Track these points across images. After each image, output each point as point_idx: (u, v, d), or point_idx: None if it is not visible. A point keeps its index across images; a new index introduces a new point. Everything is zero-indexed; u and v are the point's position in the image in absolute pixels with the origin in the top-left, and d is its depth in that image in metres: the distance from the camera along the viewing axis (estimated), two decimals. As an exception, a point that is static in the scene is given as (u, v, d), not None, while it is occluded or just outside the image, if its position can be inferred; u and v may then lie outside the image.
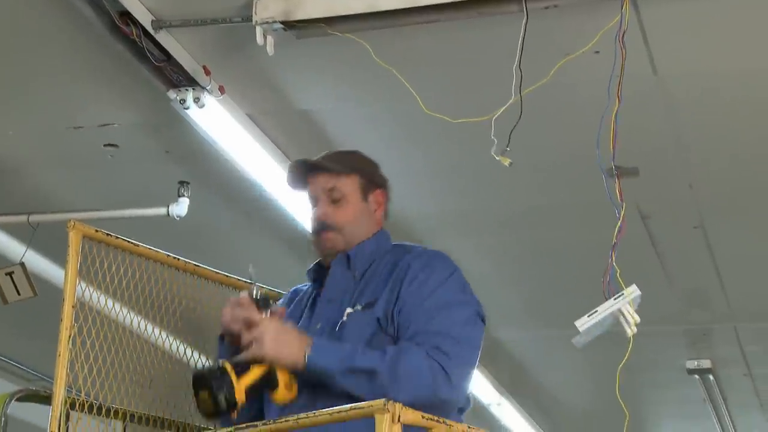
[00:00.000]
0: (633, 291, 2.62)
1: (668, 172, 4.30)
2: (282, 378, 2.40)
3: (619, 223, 2.67)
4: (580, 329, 2.61)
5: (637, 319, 2.59)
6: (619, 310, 2.60)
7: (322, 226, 2.62)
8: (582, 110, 3.64)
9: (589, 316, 2.61)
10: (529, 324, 6.13)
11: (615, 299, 2.61)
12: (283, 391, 2.40)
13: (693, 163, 4.23)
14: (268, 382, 2.40)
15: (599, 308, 2.62)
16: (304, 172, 2.66)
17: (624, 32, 2.83)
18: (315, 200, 2.65)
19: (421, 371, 2.39)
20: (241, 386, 2.35)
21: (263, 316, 2.45)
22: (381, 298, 2.53)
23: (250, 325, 2.45)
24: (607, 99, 2.84)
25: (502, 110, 2.95)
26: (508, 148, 2.89)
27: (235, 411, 2.36)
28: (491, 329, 6.04)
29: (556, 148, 4.13)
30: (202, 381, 2.37)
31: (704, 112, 3.85)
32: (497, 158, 2.88)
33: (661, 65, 3.51)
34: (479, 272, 4.71)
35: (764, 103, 3.75)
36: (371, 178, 2.69)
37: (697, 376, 6.71)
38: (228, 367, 2.37)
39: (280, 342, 2.40)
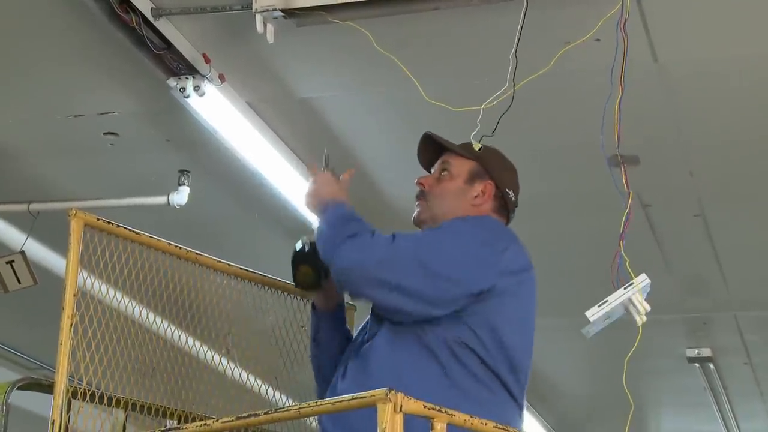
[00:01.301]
0: (643, 280, 2.62)
1: (668, 161, 4.30)
2: None
3: (626, 212, 2.67)
4: (591, 319, 2.60)
5: (647, 308, 2.58)
6: (629, 299, 2.59)
7: (418, 193, 2.75)
8: (583, 98, 3.64)
9: (599, 306, 2.60)
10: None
11: (625, 288, 2.61)
12: None
13: (693, 152, 4.23)
14: None
15: (609, 298, 2.61)
16: (436, 150, 2.80)
17: (625, 20, 2.83)
18: (432, 172, 2.80)
19: (339, 239, 2.52)
20: None
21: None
22: None
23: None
24: (608, 87, 2.83)
25: (493, 98, 2.94)
26: (492, 135, 2.87)
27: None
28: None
29: (556, 137, 4.13)
30: (304, 257, 2.75)
31: (705, 100, 3.84)
32: (472, 142, 2.87)
33: (662, 53, 3.51)
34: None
35: (765, 90, 3.74)
36: (488, 169, 2.77)
37: (697, 365, 6.72)
38: None
39: (319, 189, 2.66)
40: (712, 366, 6.73)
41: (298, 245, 2.80)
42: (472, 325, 2.51)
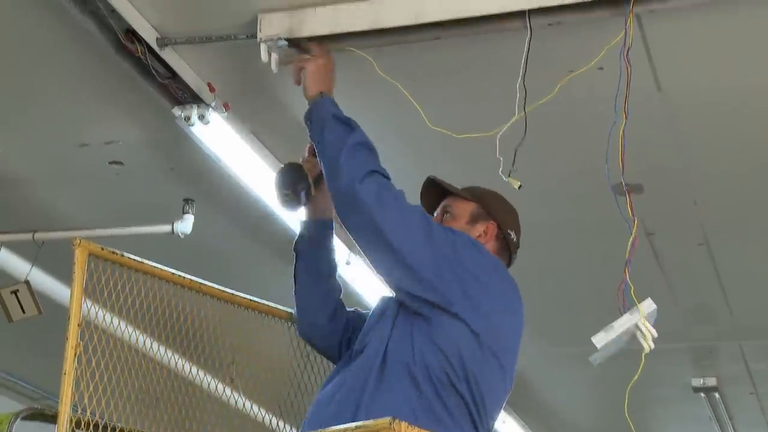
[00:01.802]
0: (649, 306, 2.61)
1: (672, 189, 4.30)
2: None
3: (631, 239, 2.67)
4: (598, 346, 2.59)
5: (654, 333, 2.58)
6: (636, 325, 2.59)
7: None
8: (586, 126, 3.64)
9: (605, 332, 2.60)
10: (533, 341, 6.11)
11: (631, 314, 2.60)
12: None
13: (697, 180, 4.23)
14: None
15: (615, 324, 2.61)
16: (439, 193, 2.88)
17: (629, 48, 2.84)
18: (434, 215, 2.88)
19: (364, 167, 2.66)
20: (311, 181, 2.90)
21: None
22: None
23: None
24: (612, 115, 2.84)
25: (505, 128, 2.96)
26: (514, 167, 2.91)
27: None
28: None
29: (560, 164, 4.13)
30: (283, 182, 2.91)
31: (708, 129, 3.85)
32: (506, 179, 2.90)
33: (665, 81, 3.52)
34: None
35: (769, 119, 3.75)
36: (490, 210, 2.86)
37: (702, 394, 6.68)
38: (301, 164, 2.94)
39: (312, 78, 2.91)
40: (717, 395, 6.69)
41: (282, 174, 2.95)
42: (451, 357, 2.56)
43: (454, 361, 2.55)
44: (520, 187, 2.91)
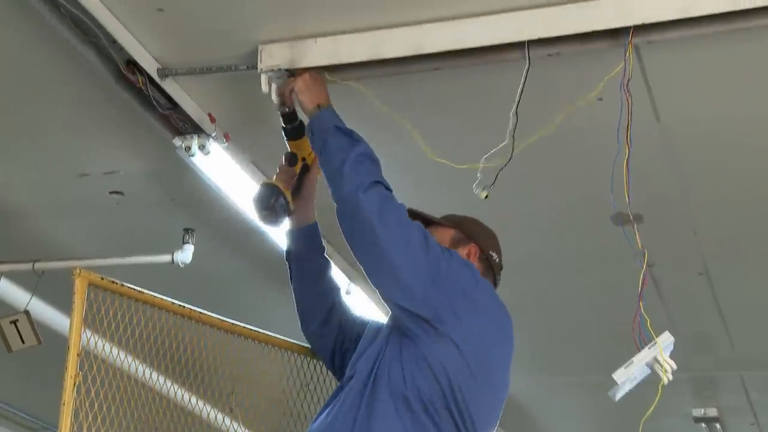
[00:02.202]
0: (666, 338, 2.62)
1: (672, 219, 4.30)
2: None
3: (642, 271, 2.68)
4: (618, 381, 2.59)
5: (674, 365, 2.59)
6: (654, 358, 2.59)
7: None
8: (586, 156, 3.65)
9: (625, 368, 2.60)
10: (534, 372, 6.10)
11: (649, 348, 2.61)
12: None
13: (697, 210, 4.23)
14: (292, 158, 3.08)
15: (634, 358, 2.62)
16: (422, 222, 2.87)
17: (628, 80, 2.85)
18: None
19: (368, 178, 2.70)
20: (288, 193, 3.00)
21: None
22: None
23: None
24: (612, 145, 2.85)
25: (491, 153, 2.97)
26: (491, 186, 2.93)
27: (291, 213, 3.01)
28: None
29: (560, 194, 4.13)
30: (261, 202, 2.99)
31: (708, 159, 3.85)
32: (475, 191, 2.92)
33: (664, 112, 3.53)
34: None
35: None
36: (469, 234, 2.90)
37: (703, 425, 6.66)
38: (275, 182, 3.01)
39: (310, 85, 2.97)
40: (718, 426, 6.67)
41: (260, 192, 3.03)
42: (440, 377, 2.59)
43: (442, 380, 2.57)
44: (486, 197, 2.93)
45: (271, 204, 2.98)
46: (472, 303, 2.67)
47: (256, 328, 3.15)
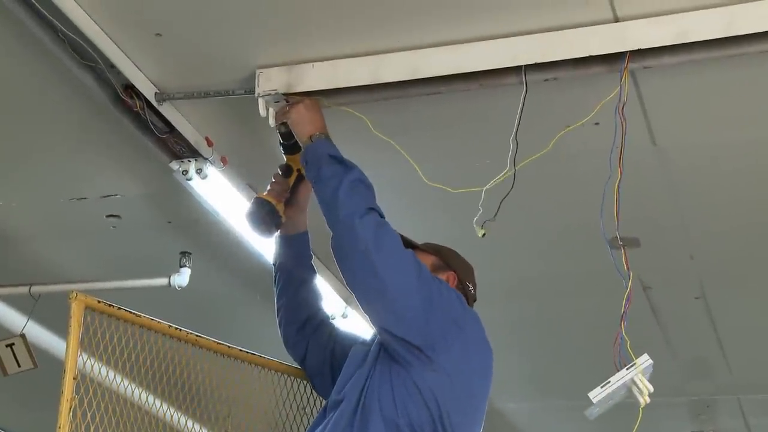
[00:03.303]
0: (645, 360, 2.63)
1: (669, 243, 4.31)
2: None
3: (627, 293, 2.69)
4: (594, 400, 2.60)
5: (651, 388, 2.59)
6: (632, 380, 2.60)
7: None
8: (583, 181, 3.66)
9: (602, 387, 2.61)
10: (530, 394, 6.09)
11: (627, 369, 2.62)
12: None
13: (693, 234, 4.24)
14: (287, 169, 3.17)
15: (612, 379, 2.62)
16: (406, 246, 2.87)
17: (624, 104, 2.87)
18: None
19: (363, 204, 2.72)
20: (280, 206, 3.11)
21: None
22: None
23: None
24: (608, 169, 2.86)
25: (494, 181, 2.98)
26: (494, 219, 2.95)
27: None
28: (492, 399, 6.00)
29: (557, 218, 4.14)
30: (251, 216, 3.10)
31: (704, 184, 3.86)
32: (474, 225, 2.94)
33: (660, 136, 3.54)
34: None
35: (764, 174, 3.76)
36: (448, 263, 2.93)
37: (701, 449, 6.66)
38: (265, 197, 3.11)
39: (304, 115, 2.99)
40: (716, 449, 6.67)
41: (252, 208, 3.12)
42: (429, 402, 2.60)
43: (432, 407, 2.59)
44: (483, 235, 2.95)
45: (265, 222, 3.09)
46: (461, 332, 2.69)
47: (252, 351, 3.15)
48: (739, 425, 6.46)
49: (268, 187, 3.17)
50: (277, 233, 3.17)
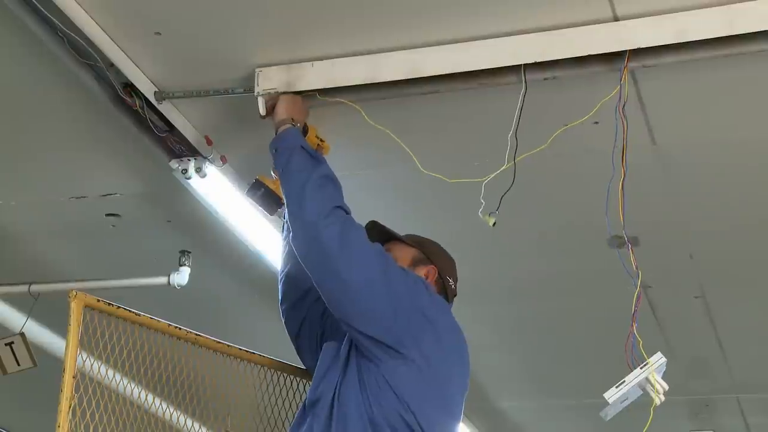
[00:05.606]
0: (658, 359, 2.62)
1: (668, 242, 4.30)
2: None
3: (636, 292, 2.69)
4: (609, 401, 2.60)
5: (665, 386, 2.59)
6: (646, 379, 2.60)
7: None
8: (583, 179, 3.66)
9: (617, 387, 2.61)
10: (531, 393, 6.09)
11: (641, 368, 2.61)
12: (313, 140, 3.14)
13: (693, 234, 4.23)
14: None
15: (626, 378, 2.62)
16: (382, 239, 2.91)
17: (624, 104, 2.87)
18: None
19: (330, 203, 2.71)
20: (276, 184, 3.13)
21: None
22: None
23: None
24: (608, 168, 2.86)
25: (493, 175, 2.98)
26: (497, 211, 2.95)
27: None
28: (493, 399, 6.00)
29: (557, 217, 4.14)
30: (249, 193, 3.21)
31: (704, 183, 3.86)
32: (481, 217, 2.94)
33: (660, 136, 3.54)
34: (479, 341, 4.70)
35: (764, 173, 3.76)
36: (430, 256, 2.92)
37: (701, 448, 6.66)
38: (261, 178, 3.19)
39: (285, 106, 3.03)
40: (716, 449, 6.68)
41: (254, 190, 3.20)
42: (402, 397, 2.61)
43: (405, 400, 2.60)
44: (494, 224, 2.94)
45: (257, 199, 3.20)
46: (430, 323, 2.69)
47: (252, 350, 3.15)
48: (739, 424, 6.46)
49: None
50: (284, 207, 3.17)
